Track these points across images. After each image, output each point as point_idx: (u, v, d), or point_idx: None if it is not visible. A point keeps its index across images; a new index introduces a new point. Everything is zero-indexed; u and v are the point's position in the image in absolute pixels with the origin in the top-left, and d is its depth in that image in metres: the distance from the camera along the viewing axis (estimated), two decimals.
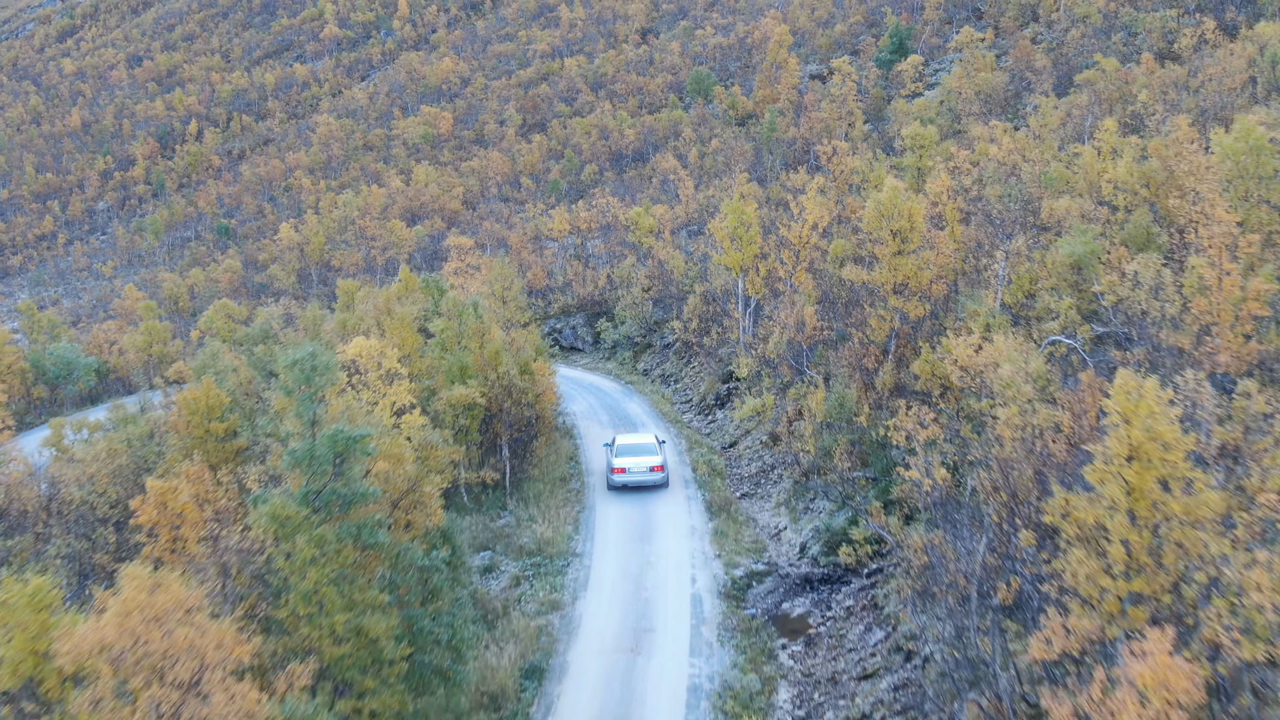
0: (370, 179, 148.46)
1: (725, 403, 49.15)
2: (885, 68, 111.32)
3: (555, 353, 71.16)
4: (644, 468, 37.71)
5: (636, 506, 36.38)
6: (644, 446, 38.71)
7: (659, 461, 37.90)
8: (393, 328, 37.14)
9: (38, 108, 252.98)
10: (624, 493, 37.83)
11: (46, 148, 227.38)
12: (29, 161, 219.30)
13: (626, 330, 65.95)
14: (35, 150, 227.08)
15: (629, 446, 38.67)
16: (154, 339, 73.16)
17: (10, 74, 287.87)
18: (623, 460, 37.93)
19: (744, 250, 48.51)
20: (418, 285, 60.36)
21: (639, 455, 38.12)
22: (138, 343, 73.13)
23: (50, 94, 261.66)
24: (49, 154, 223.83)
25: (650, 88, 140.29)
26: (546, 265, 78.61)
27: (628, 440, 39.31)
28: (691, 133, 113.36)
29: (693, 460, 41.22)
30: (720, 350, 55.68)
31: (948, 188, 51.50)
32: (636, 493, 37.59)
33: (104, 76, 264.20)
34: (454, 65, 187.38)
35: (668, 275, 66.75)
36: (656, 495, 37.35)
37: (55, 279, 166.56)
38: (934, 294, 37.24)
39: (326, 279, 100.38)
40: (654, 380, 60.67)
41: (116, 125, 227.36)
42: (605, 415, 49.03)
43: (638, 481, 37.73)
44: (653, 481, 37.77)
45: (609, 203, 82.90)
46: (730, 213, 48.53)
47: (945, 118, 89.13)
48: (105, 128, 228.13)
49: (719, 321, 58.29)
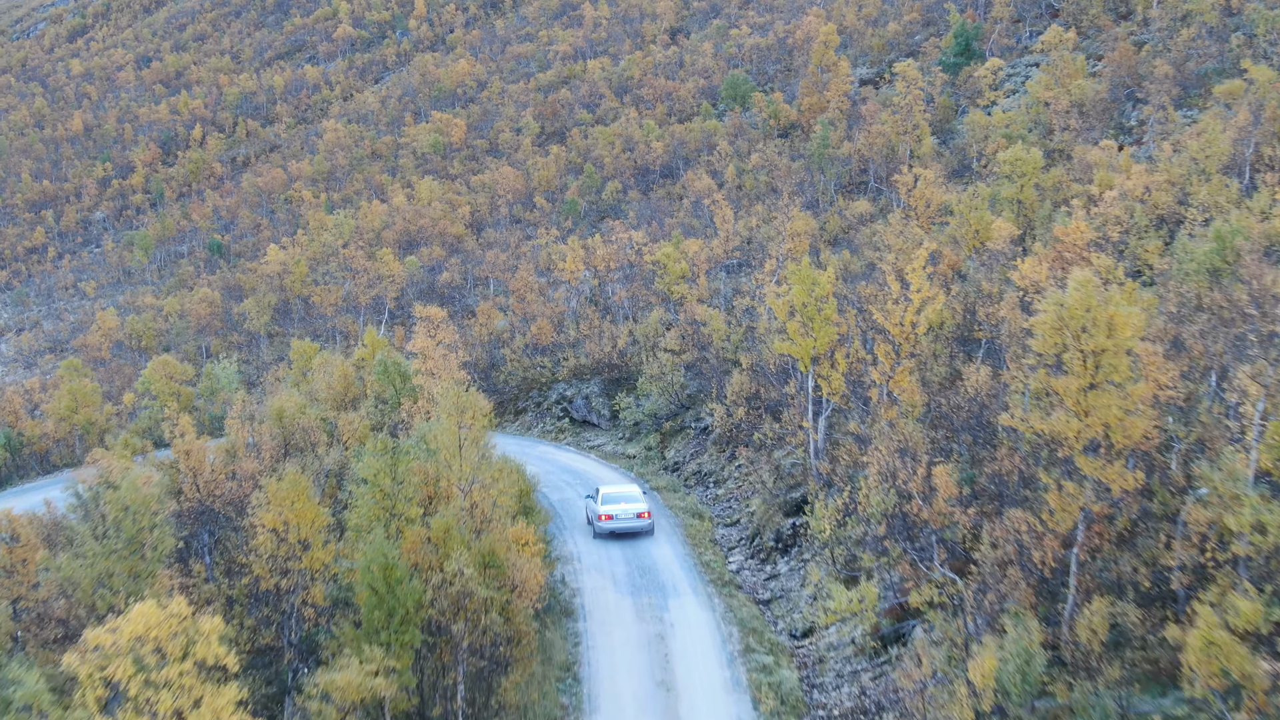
0: (374, 192, 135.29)
1: (790, 546, 35.27)
2: (951, 72, 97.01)
3: (564, 428, 57.53)
4: (631, 514, 38.26)
5: None
6: (629, 495, 39.41)
7: (645, 508, 38.64)
8: (281, 497, 23.38)
9: (42, 110, 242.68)
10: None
11: (46, 153, 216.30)
12: (26, 168, 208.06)
13: (652, 406, 52.20)
14: (34, 156, 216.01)
15: (615, 495, 39.22)
16: (80, 404, 59.88)
17: (19, 75, 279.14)
18: (610, 507, 38.40)
19: (816, 334, 34.67)
20: (382, 349, 46.99)
21: (625, 503, 38.62)
22: (60, 409, 59.86)
23: (56, 96, 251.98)
24: (48, 160, 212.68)
25: (680, 93, 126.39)
26: (556, 314, 64.85)
27: (612, 490, 39.85)
28: (728, 145, 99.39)
29: (749, 672, 27.31)
30: (778, 454, 41.91)
31: (1086, 241, 37.67)
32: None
33: (111, 78, 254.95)
34: (470, 67, 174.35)
35: (704, 338, 53.05)
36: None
37: (40, 298, 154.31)
38: (1145, 450, 23.30)
39: (309, 316, 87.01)
40: (687, 479, 46.96)
41: (119, 130, 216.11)
42: (623, 568, 35.09)
43: (625, 528, 38.05)
44: (639, 528, 38.15)
45: (630, 237, 69.01)
46: (798, 281, 34.69)
47: (1036, 133, 74.91)
48: (107, 132, 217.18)
49: (775, 410, 44.66)
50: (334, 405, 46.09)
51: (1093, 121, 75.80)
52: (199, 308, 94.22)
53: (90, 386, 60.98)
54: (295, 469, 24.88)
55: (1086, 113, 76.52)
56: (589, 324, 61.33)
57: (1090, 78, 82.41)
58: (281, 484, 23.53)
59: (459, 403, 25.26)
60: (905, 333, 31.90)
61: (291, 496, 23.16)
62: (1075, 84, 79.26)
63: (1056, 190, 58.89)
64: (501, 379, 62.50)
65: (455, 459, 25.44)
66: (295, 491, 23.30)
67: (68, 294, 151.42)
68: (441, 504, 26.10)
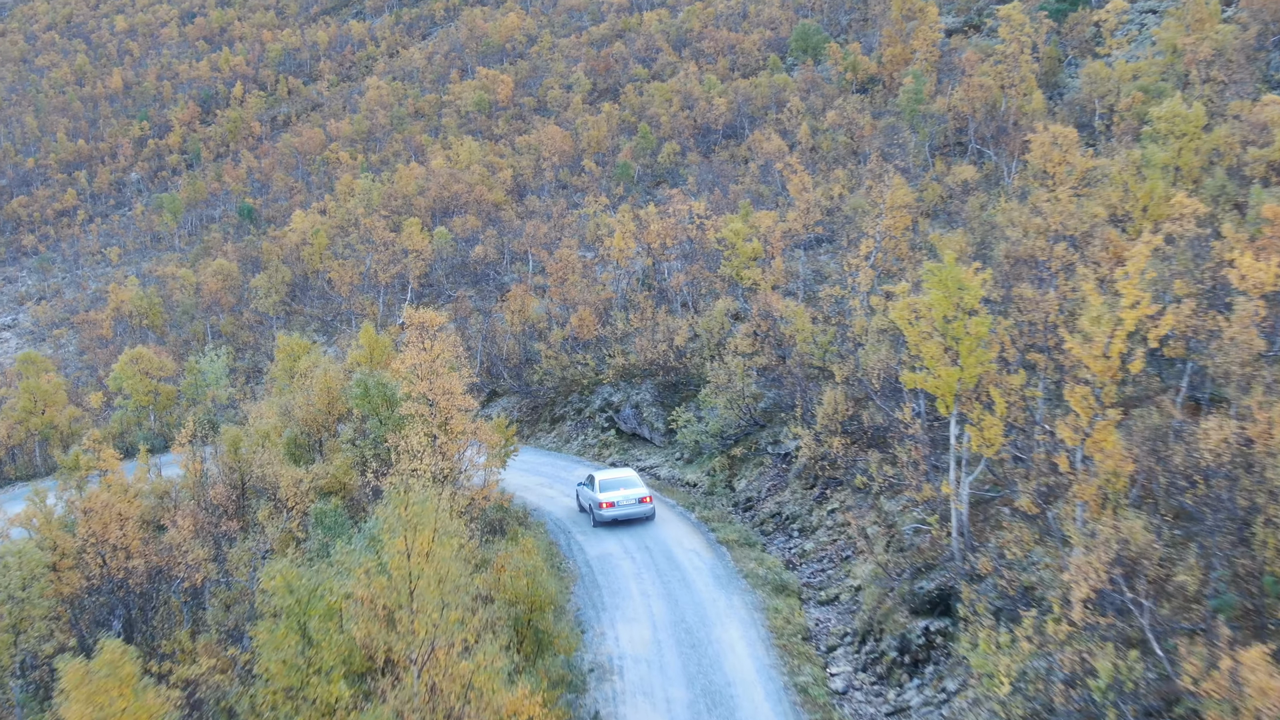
0: (413, 154, 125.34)
1: (923, 662, 24.78)
2: (1057, 19, 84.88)
3: (609, 441, 47.45)
4: (632, 499, 36.61)
5: None
6: (627, 480, 37.61)
7: (646, 493, 36.92)
8: (91, 696, 13.21)
9: (83, 67, 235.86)
10: None
11: (84, 111, 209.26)
12: (62, 127, 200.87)
13: (717, 423, 41.77)
14: (71, 114, 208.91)
15: (612, 481, 37.52)
16: (42, 404, 50.58)
17: (63, 31, 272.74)
18: (610, 494, 36.69)
19: (964, 363, 24.09)
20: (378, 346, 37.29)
21: (625, 489, 36.93)
22: (13, 411, 50.53)
23: (99, 53, 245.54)
24: (85, 118, 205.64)
25: (744, 46, 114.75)
26: (601, 302, 54.39)
27: (609, 476, 38.05)
28: (799, 102, 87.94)
29: None
30: (890, 505, 31.72)
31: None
32: None
33: (155, 34, 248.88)
34: (520, 21, 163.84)
35: (784, 337, 42.62)
36: None
37: (66, 263, 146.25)
38: None
39: (327, 295, 77.21)
40: (763, 524, 36.65)
41: (158, 88, 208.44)
42: (682, 691, 24.65)
43: (627, 515, 36.47)
44: (641, 514, 36.60)
45: (690, 208, 58.18)
46: (937, 285, 24.09)
47: (1170, 85, 63.06)
48: (146, 90, 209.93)
49: (882, 439, 34.45)
50: (315, 426, 36.14)
51: (1239, 72, 63.90)
52: (211, 281, 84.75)
53: (52, 383, 51.48)
54: (115, 645, 14.63)
55: (1230, 62, 64.57)
56: (640, 314, 50.92)
57: (1229, 24, 70.28)
58: (92, 672, 13.43)
59: (414, 516, 15.05)
60: (1110, 370, 21.19)
61: (104, 698, 13.07)
62: (1212, 29, 67.33)
63: (1218, 155, 47.51)
64: (536, 379, 52.39)
65: (406, 607, 15.33)
66: (111, 688, 13.23)
67: (92, 260, 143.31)
68: (388, 679, 16.01)
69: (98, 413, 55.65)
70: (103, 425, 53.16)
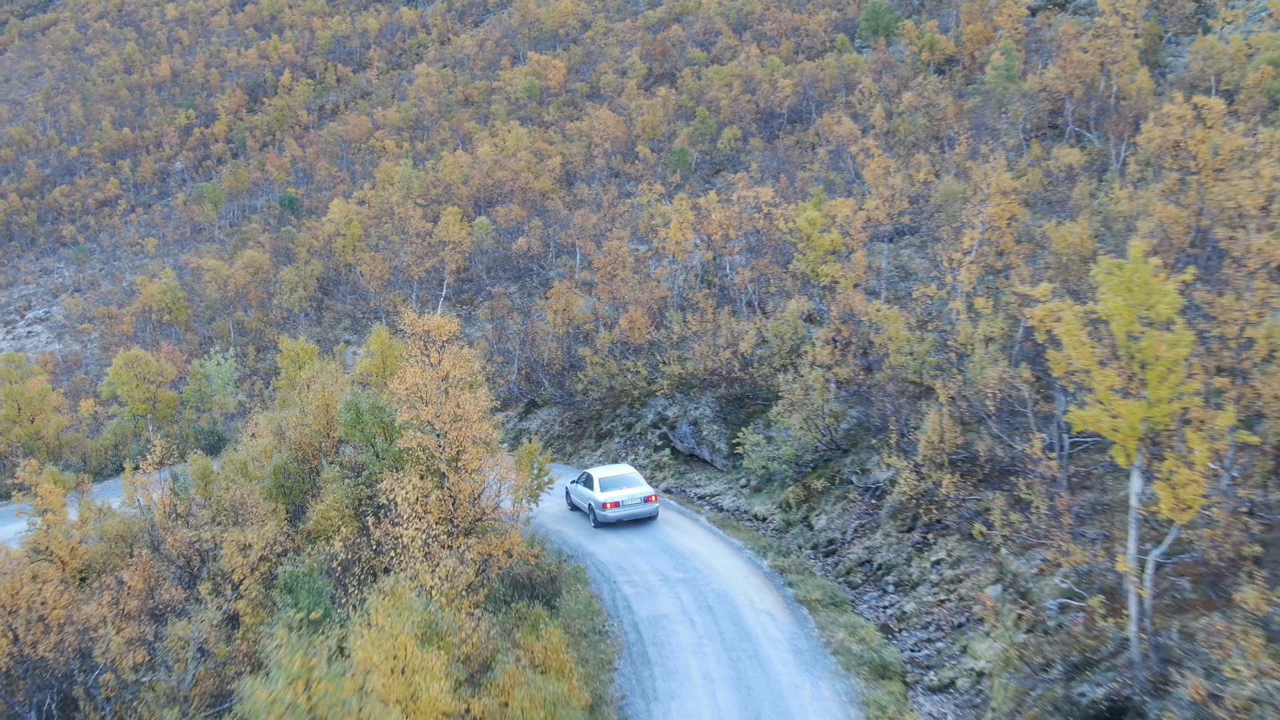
0: (460, 142, 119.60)
1: None
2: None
3: (663, 463, 41.22)
4: (637, 499, 34.45)
5: None
6: (629, 478, 35.32)
7: (650, 491, 34.87)
8: None
9: (132, 55, 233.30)
10: None
11: (130, 99, 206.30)
12: (108, 115, 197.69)
13: (792, 448, 35.25)
14: (118, 103, 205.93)
15: (613, 479, 35.21)
16: (24, 413, 45.13)
17: (114, 20, 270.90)
18: (613, 494, 34.47)
19: (1152, 396, 17.47)
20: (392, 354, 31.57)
21: (628, 487, 34.77)
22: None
23: (148, 41, 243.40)
24: (131, 107, 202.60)
25: (809, 26, 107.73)
26: (654, 301, 47.96)
27: (608, 473, 35.60)
28: (872, 83, 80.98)
29: None
30: (1017, 562, 25.28)
31: None
32: None
33: (204, 22, 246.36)
34: (574, 6, 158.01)
35: (872, 345, 36.14)
36: None
37: (105, 255, 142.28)
38: None
39: (359, 289, 71.45)
40: (849, 572, 30.25)
41: (205, 76, 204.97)
42: None
43: (632, 515, 34.38)
44: (647, 513, 34.56)
45: (756, 195, 51.57)
46: (1116, 292, 17.47)
47: None
48: (194, 78, 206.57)
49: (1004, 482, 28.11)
50: (311, 451, 30.11)
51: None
52: (240, 274, 79.35)
53: (38, 389, 45.92)
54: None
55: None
56: (700, 316, 44.47)
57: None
58: None
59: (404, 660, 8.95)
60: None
61: None
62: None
63: None
64: (580, 388, 46.12)
65: None
66: None
67: (130, 251, 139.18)
68: None
69: (90, 422, 50.17)
70: (96, 436, 47.82)
